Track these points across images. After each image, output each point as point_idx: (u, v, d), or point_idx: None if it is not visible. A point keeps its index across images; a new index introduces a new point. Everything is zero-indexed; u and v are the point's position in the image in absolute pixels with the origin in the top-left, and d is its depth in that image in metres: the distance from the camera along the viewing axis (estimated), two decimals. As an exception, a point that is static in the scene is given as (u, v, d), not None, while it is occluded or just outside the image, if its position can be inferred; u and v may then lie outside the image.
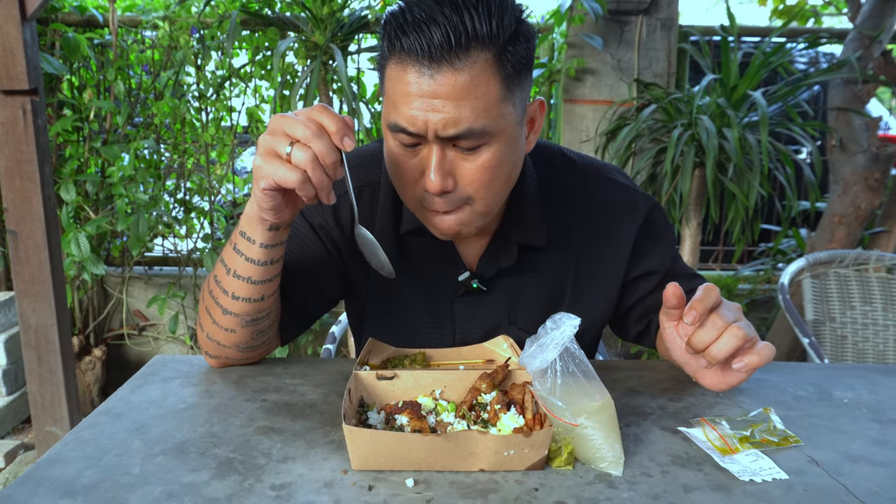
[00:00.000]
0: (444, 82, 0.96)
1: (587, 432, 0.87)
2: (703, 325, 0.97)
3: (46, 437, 2.52)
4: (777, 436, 0.94)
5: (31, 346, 2.45)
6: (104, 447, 0.90)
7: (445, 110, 0.97)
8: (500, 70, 0.99)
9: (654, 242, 1.28)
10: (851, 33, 3.35)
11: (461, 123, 0.97)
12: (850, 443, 0.93)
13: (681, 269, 1.32)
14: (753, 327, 1.01)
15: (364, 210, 1.24)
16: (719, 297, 0.99)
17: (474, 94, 0.97)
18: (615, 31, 3.50)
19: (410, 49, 0.96)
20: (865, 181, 3.21)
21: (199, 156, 3.57)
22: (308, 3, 3.02)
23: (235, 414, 1.00)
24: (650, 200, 1.29)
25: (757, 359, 0.98)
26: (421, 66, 0.96)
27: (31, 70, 2.27)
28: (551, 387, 0.90)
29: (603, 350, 1.67)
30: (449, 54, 0.95)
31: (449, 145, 1.01)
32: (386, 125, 1.04)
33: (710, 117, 2.88)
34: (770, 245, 3.93)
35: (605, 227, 1.25)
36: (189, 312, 3.62)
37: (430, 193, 1.04)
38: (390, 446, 0.83)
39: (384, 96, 1.06)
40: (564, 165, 1.28)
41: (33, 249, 2.39)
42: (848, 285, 2.27)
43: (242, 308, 1.08)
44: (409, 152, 1.04)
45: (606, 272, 1.27)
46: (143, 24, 3.31)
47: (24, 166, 2.33)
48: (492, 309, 1.25)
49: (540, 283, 1.25)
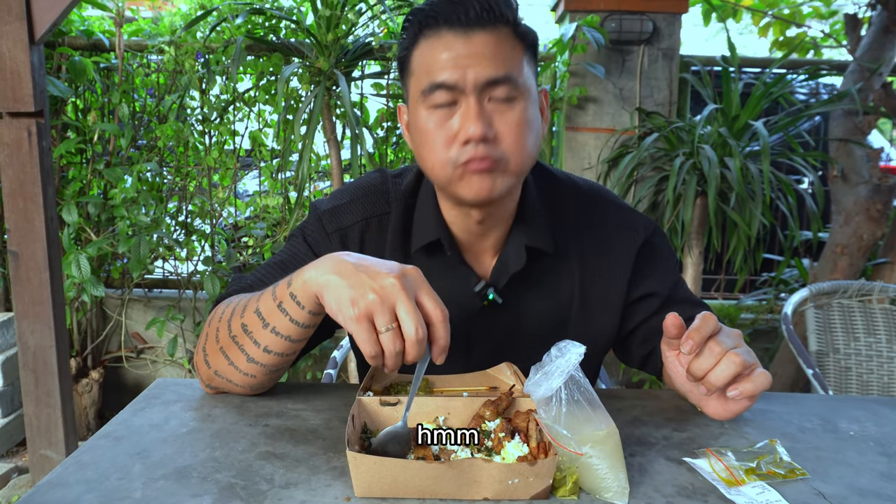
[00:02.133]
0: (478, 41, 1.06)
1: (592, 461, 0.86)
2: (702, 353, 0.97)
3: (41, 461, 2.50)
4: (783, 468, 0.93)
5: (29, 368, 2.44)
6: (105, 471, 0.89)
7: (482, 63, 1.06)
8: (521, 42, 1.10)
9: (655, 264, 1.30)
10: (851, 65, 3.38)
11: (499, 70, 1.06)
12: (858, 476, 0.92)
13: (684, 294, 1.32)
14: (754, 353, 1.01)
15: (371, 239, 1.26)
16: (717, 325, 0.98)
17: (506, 51, 1.08)
18: (617, 61, 3.54)
19: (445, 21, 1.07)
20: (867, 212, 3.22)
21: (202, 179, 3.58)
22: (313, 30, 3.05)
23: (237, 439, 0.99)
24: (651, 223, 1.32)
25: (751, 386, 0.97)
26: (455, 32, 1.07)
27: (38, 93, 2.29)
28: (556, 415, 0.89)
29: (605, 378, 1.67)
30: (481, 23, 1.06)
31: (485, 98, 1.08)
32: (420, 94, 1.10)
33: (711, 146, 2.90)
34: (772, 274, 3.93)
35: (606, 248, 1.27)
36: (188, 335, 3.61)
37: (469, 146, 1.07)
38: (394, 473, 0.82)
39: (412, 76, 1.13)
40: (565, 183, 1.32)
41: (34, 270, 2.39)
42: (852, 316, 2.27)
43: (272, 360, 1.07)
44: (443, 115, 1.09)
45: (608, 293, 1.28)
46: (148, 49, 3.34)
47: (27, 188, 2.34)
48: (501, 326, 1.26)
49: (547, 299, 1.27)
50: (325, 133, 3.22)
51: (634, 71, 3.55)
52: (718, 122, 3.09)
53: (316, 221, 1.27)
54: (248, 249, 3.58)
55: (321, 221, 1.26)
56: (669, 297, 1.29)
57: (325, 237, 1.24)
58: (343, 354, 1.74)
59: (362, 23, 3.20)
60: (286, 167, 3.56)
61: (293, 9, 3.26)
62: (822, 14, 4.53)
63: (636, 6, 3.46)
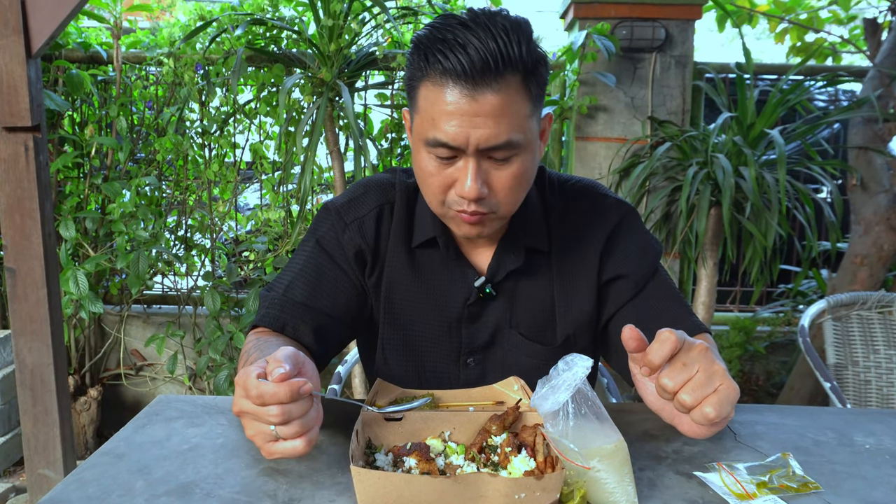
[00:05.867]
0: (484, 102, 1.07)
1: (600, 475, 0.88)
2: (671, 368, 0.93)
3: (39, 480, 2.52)
4: (796, 482, 0.95)
5: (26, 386, 2.46)
6: (107, 488, 0.91)
7: (486, 126, 1.08)
8: (528, 90, 1.11)
9: (627, 246, 1.35)
10: (871, 71, 3.39)
11: (501, 137, 1.09)
12: (872, 490, 0.94)
13: (662, 289, 1.35)
14: (723, 361, 1.00)
15: (384, 224, 1.34)
16: (676, 344, 0.93)
17: (510, 111, 1.09)
18: (628, 69, 3.56)
19: (452, 70, 1.06)
20: (888, 221, 3.23)
21: (202, 192, 3.62)
22: (315, 40, 3.09)
23: (240, 455, 1.01)
24: (627, 207, 1.39)
25: (716, 398, 0.91)
26: (461, 87, 1.07)
27: (35, 107, 2.32)
28: (563, 429, 0.91)
29: (615, 392, 1.68)
30: (487, 76, 1.06)
31: (484, 157, 1.12)
32: (422, 141, 1.14)
33: (726, 156, 2.92)
34: (790, 286, 3.93)
35: (581, 228, 1.35)
36: (188, 352, 3.64)
37: (462, 199, 1.14)
38: (398, 488, 0.84)
39: (418, 114, 1.16)
40: (555, 179, 1.40)
41: (31, 287, 2.41)
42: (871, 328, 2.28)
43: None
44: (443, 164, 1.14)
45: (585, 271, 1.33)
46: (147, 61, 3.39)
47: (24, 203, 2.37)
48: (494, 314, 1.34)
49: (537, 286, 1.34)
50: (327, 145, 3.25)
51: (646, 79, 3.57)
52: (733, 130, 3.10)
53: (330, 218, 1.35)
54: (250, 264, 3.60)
55: (339, 214, 1.34)
56: (645, 287, 1.33)
57: (342, 229, 1.33)
58: (347, 370, 1.76)
59: (366, 32, 3.23)
60: (288, 180, 3.58)
61: (294, 19, 3.29)
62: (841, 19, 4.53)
63: (648, 13, 3.48)
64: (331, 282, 1.31)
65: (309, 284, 1.29)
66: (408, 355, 1.36)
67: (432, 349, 1.35)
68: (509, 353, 1.34)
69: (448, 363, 1.35)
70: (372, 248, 1.33)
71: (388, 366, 1.37)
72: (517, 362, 1.33)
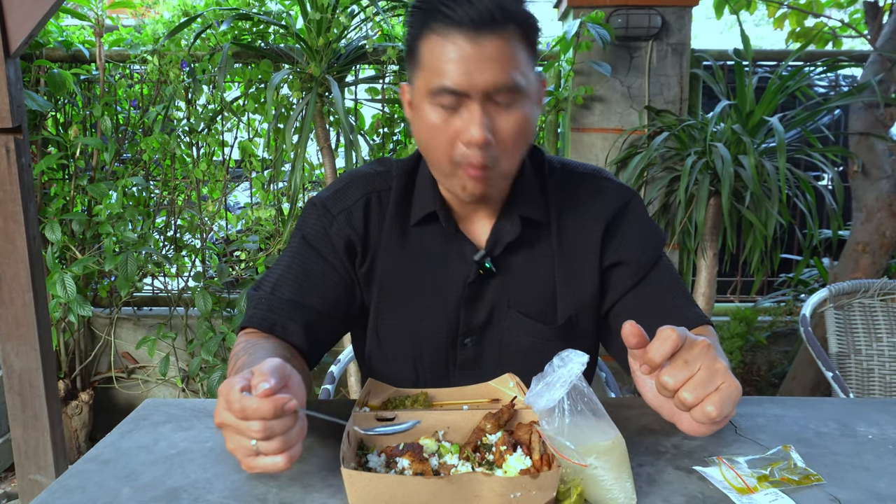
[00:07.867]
0: (488, 46, 1.11)
1: (597, 473, 0.88)
2: (672, 365, 0.92)
3: (30, 486, 2.51)
4: (798, 474, 0.94)
5: (15, 391, 2.46)
6: (92, 495, 0.91)
7: (491, 70, 1.12)
8: (526, 41, 1.17)
9: (629, 231, 1.36)
10: (872, 56, 3.39)
11: (505, 78, 1.13)
12: (875, 480, 0.94)
13: (664, 278, 1.36)
14: (725, 357, 1.02)
15: (373, 213, 1.35)
16: (677, 342, 0.92)
17: (513, 55, 1.14)
18: (624, 58, 3.55)
19: (457, 19, 1.11)
20: (890, 208, 3.23)
21: (190, 192, 3.61)
22: (303, 34, 3.07)
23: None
24: (631, 191, 1.40)
25: (717, 397, 0.90)
26: (466, 35, 1.11)
27: (15, 108, 2.31)
28: (559, 426, 0.91)
29: (614, 386, 1.68)
30: (491, 24, 1.11)
31: (489, 102, 1.15)
32: (427, 93, 1.17)
33: (725, 144, 2.91)
34: (791, 275, 3.93)
35: (582, 211, 1.36)
36: (180, 354, 3.63)
37: (469, 149, 1.16)
38: (391, 490, 0.84)
39: (422, 70, 1.18)
40: (557, 161, 1.43)
41: (17, 291, 2.41)
42: (874, 316, 2.28)
43: None
44: (447, 116, 1.16)
45: (586, 254, 1.35)
46: (131, 59, 3.37)
47: (7, 206, 2.36)
48: (492, 293, 1.34)
49: (538, 265, 1.35)
50: (318, 141, 3.24)
51: (643, 68, 3.57)
52: (732, 118, 3.09)
53: (317, 212, 1.36)
54: (241, 264, 3.59)
55: (326, 207, 1.35)
56: (647, 276, 1.34)
57: (330, 221, 1.33)
58: (340, 370, 1.75)
59: (355, 25, 3.22)
60: (278, 178, 3.58)
61: (281, 13, 3.28)
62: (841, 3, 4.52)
63: (644, 0, 3.48)
64: (318, 277, 1.31)
65: (296, 281, 1.30)
66: (403, 340, 1.36)
67: (429, 332, 1.35)
68: (506, 332, 1.34)
69: (445, 345, 1.35)
70: (361, 237, 1.33)
71: (382, 352, 1.37)
72: (516, 341, 1.33)
